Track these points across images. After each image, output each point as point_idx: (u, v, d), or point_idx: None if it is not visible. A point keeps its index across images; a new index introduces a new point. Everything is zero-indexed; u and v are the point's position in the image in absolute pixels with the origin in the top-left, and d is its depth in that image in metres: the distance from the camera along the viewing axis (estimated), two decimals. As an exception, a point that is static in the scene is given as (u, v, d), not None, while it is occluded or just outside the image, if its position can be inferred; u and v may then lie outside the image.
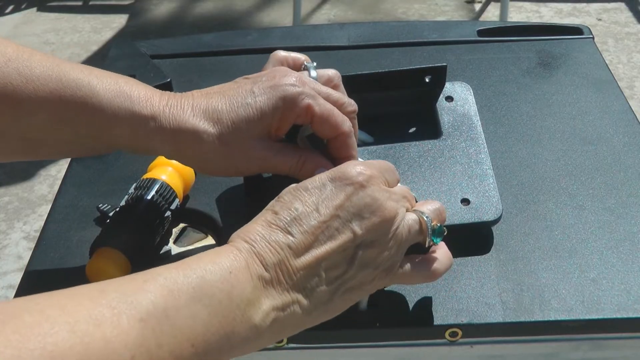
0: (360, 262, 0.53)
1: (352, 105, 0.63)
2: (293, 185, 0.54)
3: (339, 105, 0.62)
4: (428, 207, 0.58)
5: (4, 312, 0.41)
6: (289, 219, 0.52)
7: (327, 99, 0.61)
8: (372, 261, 0.53)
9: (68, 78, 0.59)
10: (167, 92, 0.62)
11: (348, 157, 0.62)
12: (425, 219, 0.56)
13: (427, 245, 0.57)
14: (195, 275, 0.47)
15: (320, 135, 0.61)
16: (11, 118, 0.59)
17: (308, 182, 0.54)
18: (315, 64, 0.66)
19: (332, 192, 0.53)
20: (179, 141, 0.60)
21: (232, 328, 0.47)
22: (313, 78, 0.63)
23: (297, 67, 0.66)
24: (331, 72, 0.65)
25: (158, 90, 0.62)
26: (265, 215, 0.53)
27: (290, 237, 0.51)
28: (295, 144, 0.63)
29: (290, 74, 0.61)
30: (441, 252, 0.58)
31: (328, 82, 0.64)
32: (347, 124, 0.61)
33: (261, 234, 0.51)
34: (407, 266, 0.56)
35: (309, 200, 0.53)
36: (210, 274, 0.48)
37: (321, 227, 0.52)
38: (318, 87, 0.62)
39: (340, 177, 0.54)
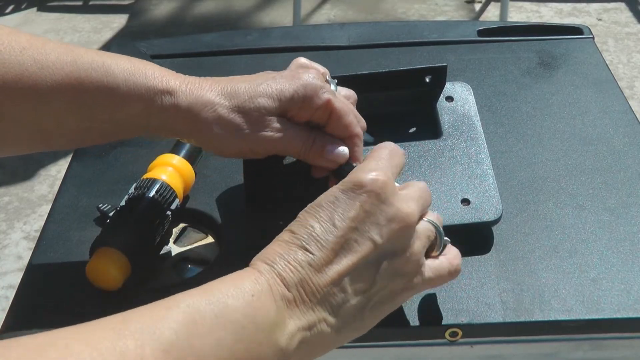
0: (387, 273, 0.52)
1: (363, 121, 0.65)
2: (308, 205, 0.54)
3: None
4: (434, 217, 0.57)
5: (29, 347, 0.41)
6: (306, 236, 0.51)
7: None
8: (400, 270, 0.53)
9: (82, 61, 0.59)
10: (183, 74, 0.62)
11: (355, 161, 0.63)
12: (438, 231, 0.56)
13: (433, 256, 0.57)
14: (218, 301, 0.46)
15: (332, 132, 0.62)
16: (29, 106, 0.59)
17: (321, 198, 0.53)
18: (336, 80, 0.67)
19: (346, 204, 0.52)
20: (194, 115, 0.59)
21: (258, 353, 0.46)
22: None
23: None
24: (349, 92, 0.67)
25: (173, 71, 0.62)
26: (283, 236, 0.52)
27: (310, 255, 0.50)
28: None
29: (312, 71, 0.62)
30: (450, 246, 0.58)
31: (346, 99, 0.65)
32: (358, 127, 0.63)
33: (280, 254, 0.50)
34: (433, 269, 0.56)
35: (324, 216, 0.52)
36: (232, 299, 0.47)
37: (339, 241, 0.51)
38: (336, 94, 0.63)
39: (351, 187, 0.53)
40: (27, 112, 0.59)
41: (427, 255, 0.56)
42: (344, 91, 0.67)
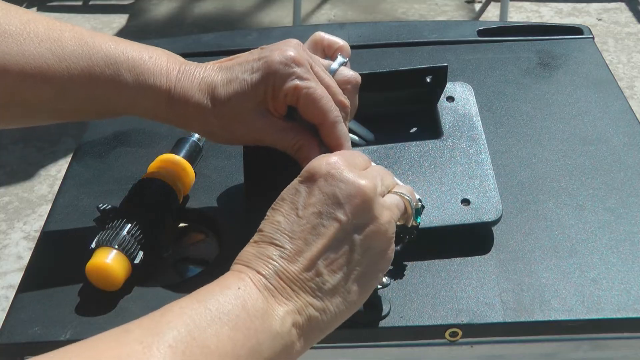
0: (360, 247, 0.53)
1: (342, 95, 0.64)
2: (274, 201, 0.55)
3: (332, 94, 0.62)
4: (404, 189, 0.59)
5: None
6: (273, 232, 0.53)
7: (321, 82, 0.62)
8: (373, 241, 0.54)
9: (97, 56, 0.63)
10: (185, 63, 0.65)
11: (338, 146, 0.62)
12: (408, 199, 0.57)
13: (410, 225, 0.58)
14: (208, 299, 0.49)
15: (307, 118, 0.62)
16: (50, 95, 0.63)
17: (283, 193, 0.55)
18: (347, 60, 0.67)
19: (306, 192, 0.54)
20: (187, 114, 0.63)
21: (257, 339, 0.48)
22: (332, 70, 0.65)
23: (330, 51, 0.68)
24: (351, 75, 0.66)
25: (178, 60, 0.65)
26: (254, 237, 0.54)
27: (280, 249, 0.52)
28: (298, 123, 0.64)
29: (291, 51, 0.62)
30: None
31: (344, 83, 0.65)
32: (334, 114, 0.62)
33: (251, 253, 0.52)
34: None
35: (287, 209, 0.53)
36: (221, 294, 0.49)
37: (306, 229, 0.52)
38: (318, 71, 0.63)
39: (308, 175, 0.54)
40: (47, 99, 0.63)
41: (407, 224, 0.59)
42: (348, 73, 0.66)
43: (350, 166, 0.55)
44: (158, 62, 0.64)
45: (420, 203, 0.60)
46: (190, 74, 0.63)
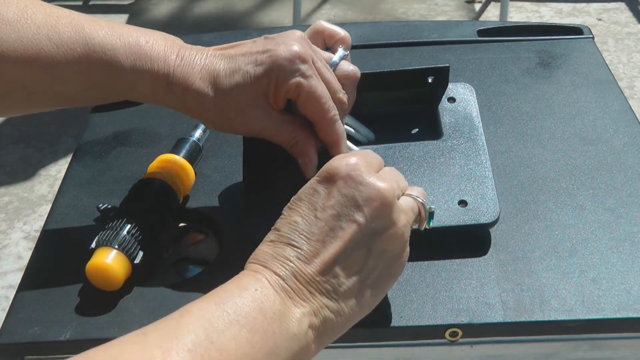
0: (377, 251, 0.53)
1: (342, 93, 0.64)
2: (290, 200, 0.55)
3: (332, 91, 0.63)
4: (417, 192, 0.58)
5: None
6: (291, 233, 0.52)
7: (321, 77, 0.62)
8: (389, 245, 0.54)
9: (94, 42, 0.63)
10: (184, 47, 0.65)
11: (334, 143, 0.63)
12: (422, 202, 0.57)
13: (422, 229, 0.58)
14: (226, 301, 0.49)
15: (305, 114, 0.63)
16: (49, 80, 0.63)
17: (301, 192, 0.55)
18: (348, 53, 0.67)
19: (325, 193, 0.53)
20: (186, 100, 0.63)
21: (275, 342, 0.48)
22: (332, 63, 0.65)
23: (330, 41, 0.68)
24: (351, 69, 0.66)
25: (176, 44, 0.65)
26: (269, 236, 0.54)
27: (298, 250, 0.52)
28: (296, 117, 0.64)
29: (296, 46, 0.62)
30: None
31: (344, 77, 0.65)
32: (331, 112, 0.62)
33: (268, 253, 0.52)
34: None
35: (305, 210, 0.53)
36: (238, 296, 0.49)
37: (324, 231, 0.52)
38: (320, 66, 0.63)
39: (327, 176, 0.54)
40: (47, 85, 0.63)
41: (420, 227, 0.59)
42: (348, 69, 0.66)
43: (370, 168, 0.55)
44: (155, 46, 0.63)
45: (433, 207, 0.59)
46: (190, 60, 0.63)
